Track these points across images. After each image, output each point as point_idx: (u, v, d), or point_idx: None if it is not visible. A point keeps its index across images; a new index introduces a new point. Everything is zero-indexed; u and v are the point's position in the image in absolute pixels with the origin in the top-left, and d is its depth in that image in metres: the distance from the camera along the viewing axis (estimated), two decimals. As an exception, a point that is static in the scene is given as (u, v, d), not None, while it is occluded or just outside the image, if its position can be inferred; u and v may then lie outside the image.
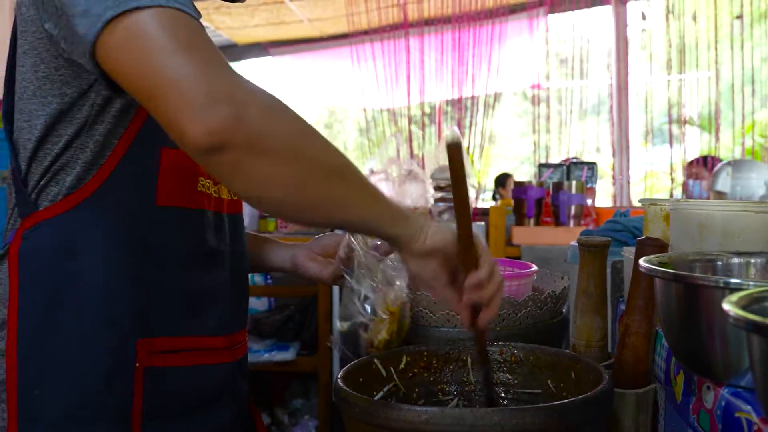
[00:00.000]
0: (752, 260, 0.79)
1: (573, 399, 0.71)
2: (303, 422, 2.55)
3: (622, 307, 1.15)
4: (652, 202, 1.02)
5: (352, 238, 1.00)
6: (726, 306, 0.50)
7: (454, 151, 0.75)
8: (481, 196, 3.36)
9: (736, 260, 0.79)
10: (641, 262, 0.74)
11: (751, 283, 0.62)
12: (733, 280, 0.64)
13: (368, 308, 0.97)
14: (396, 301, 0.97)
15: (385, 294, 0.97)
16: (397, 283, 0.97)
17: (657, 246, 0.89)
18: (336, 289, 2.41)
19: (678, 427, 0.80)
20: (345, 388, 0.79)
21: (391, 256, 0.99)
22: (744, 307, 0.51)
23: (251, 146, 0.65)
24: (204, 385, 0.88)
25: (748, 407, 0.60)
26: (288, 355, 2.41)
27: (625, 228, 1.31)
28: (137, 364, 0.81)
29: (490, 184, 3.90)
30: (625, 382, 0.90)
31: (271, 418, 2.69)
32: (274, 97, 0.69)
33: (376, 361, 0.92)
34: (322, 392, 2.45)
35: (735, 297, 0.53)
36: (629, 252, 1.09)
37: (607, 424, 0.85)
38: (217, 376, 0.89)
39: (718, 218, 0.85)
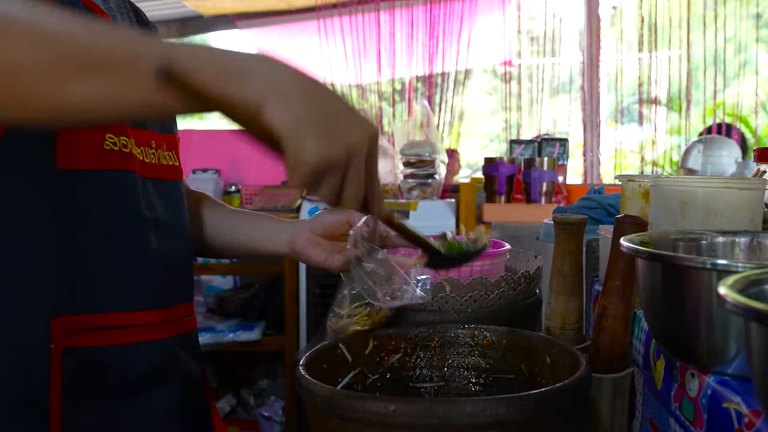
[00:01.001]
0: (737, 239, 0.75)
1: (549, 387, 0.67)
2: (269, 403, 2.50)
3: (597, 287, 1.11)
4: (630, 179, 0.98)
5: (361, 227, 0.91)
6: (722, 290, 0.46)
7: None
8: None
9: (720, 239, 0.75)
10: (623, 242, 0.70)
11: (739, 264, 0.58)
12: (721, 261, 0.59)
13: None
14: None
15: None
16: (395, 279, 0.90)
17: (637, 224, 0.84)
18: (302, 266, 2.34)
19: (658, 414, 0.76)
20: (306, 375, 0.73)
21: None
22: (740, 291, 0.47)
23: None
24: (136, 365, 0.80)
25: (738, 398, 0.56)
26: (253, 335, 2.35)
27: (600, 205, 1.27)
28: (52, 345, 0.73)
29: (462, 161, 3.86)
30: (601, 366, 0.86)
31: (236, 399, 2.64)
32: None
33: (341, 345, 0.87)
34: (289, 372, 2.40)
35: (730, 280, 0.49)
36: (605, 230, 1.05)
37: (582, 410, 0.81)
38: (150, 355, 0.81)
39: (701, 195, 0.81)
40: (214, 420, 0.94)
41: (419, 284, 0.91)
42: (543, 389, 0.66)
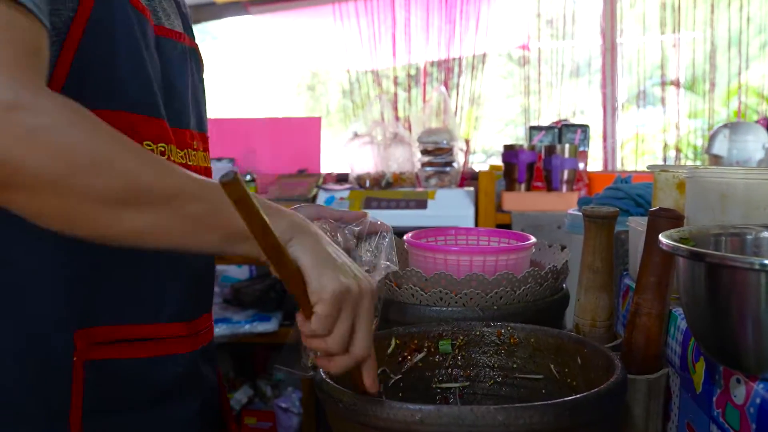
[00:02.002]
0: (784, 235, 0.70)
1: (586, 394, 0.63)
2: (286, 394, 2.48)
3: (626, 281, 1.07)
4: (664, 169, 0.93)
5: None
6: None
7: (233, 189, 0.54)
8: (470, 158, 3.26)
9: (766, 234, 0.71)
10: (662, 238, 0.66)
11: (793, 265, 0.54)
12: (770, 262, 0.55)
13: None
14: None
15: None
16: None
17: (672, 218, 0.80)
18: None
19: (697, 419, 0.72)
20: (327, 379, 0.70)
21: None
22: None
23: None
24: (158, 378, 0.78)
25: (792, 408, 0.52)
26: (270, 326, 2.33)
27: (627, 195, 1.22)
28: (74, 358, 0.71)
29: (478, 147, 3.81)
30: (634, 367, 0.82)
31: (253, 389, 2.62)
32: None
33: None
34: (306, 363, 2.38)
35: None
36: (636, 222, 1.01)
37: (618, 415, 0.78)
38: (174, 368, 0.79)
39: (741, 187, 0.77)
40: (230, 428, 0.92)
41: (382, 254, 0.89)
42: (579, 396, 0.63)
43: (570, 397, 0.62)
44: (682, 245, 0.63)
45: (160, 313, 0.78)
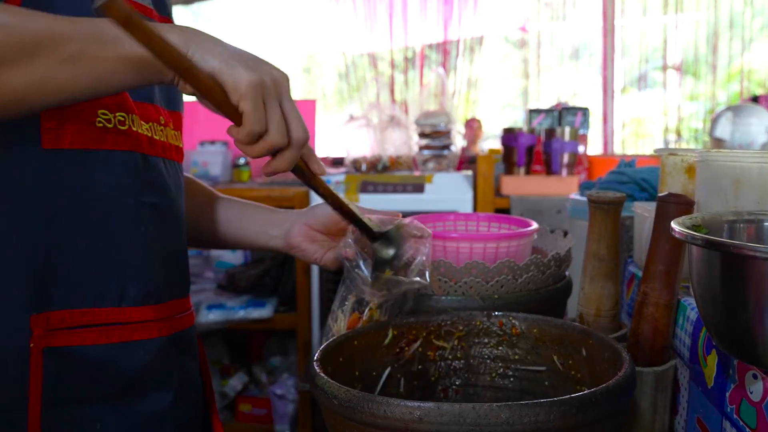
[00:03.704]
0: (802, 221, 0.67)
1: (593, 390, 0.60)
2: (281, 380, 2.46)
3: (631, 269, 1.04)
4: (672, 152, 0.90)
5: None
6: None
7: (116, 10, 0.50)
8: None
9: (783, 221, 0.67)
10: (674, 226, 0.62)
11: (816, 255, 0.50)
12: (793, 251, 0.52)
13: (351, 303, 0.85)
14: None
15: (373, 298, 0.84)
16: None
17: (683, 203, 0.77)
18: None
19: (708, 414, 0.69)
20: (321, 374, 0.67)
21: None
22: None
23: None
24: (125, 367, 0.73)
25: (817, 408, 0.49)
26: (265, 312, 2.29)
27: (632, 179, 1.18)
28: (31, 345, 0.66)
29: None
30: (641, 358, 0.79)
31: (248, 376, 2.60)
32: None
33: (357, 336, 0.80)
34: (302, 349, 2.35)
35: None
36: (642, 208, 0.97)
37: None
38: (142, 356, 0.74)
39: (756, 172, 0.73)
40: (214, 425, 0.87)
41: (415, 270, 0.85)
42: (587, 392, 0.59)
43: (577, 394, 0.59)
44: (696, 233, 0.59)
45: (124, 296, 0.73)
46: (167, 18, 0.86)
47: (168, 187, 0.79)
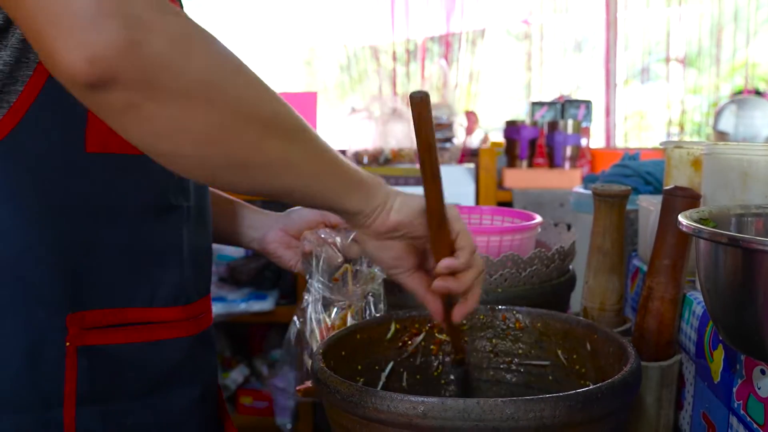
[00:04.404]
0: (811, 215, 0.66)
1: (599, 385, 0.59)
2: (283, 374, 2.44)
3: (635, 262, 1.03)
4: (678, 145, 0.89)
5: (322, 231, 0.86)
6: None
7: (421, 107, 0.59)
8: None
9: (792, 215, 0.66)
10: (682, 219, 0.61)
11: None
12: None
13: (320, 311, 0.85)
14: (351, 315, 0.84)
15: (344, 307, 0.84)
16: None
17: (689, 197, 0.76)
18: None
19: (714, 409, 0.68)
20: (324, 367, 0.66)
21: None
22: None
23: (150, 83, 0.47)
24: (155, 365, 0.74)
25: (827, 404, 0.48)
26: (266, 304, 2.29)
27: (636, 173, 1.18)
28: (67, 344, 0.67)
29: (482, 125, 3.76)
30: (646, 353, 0.79)
31: (249, 369, 2.59)
32: (193, 23, 0.51)
33: (359, 330, 0.80)
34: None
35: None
36: (646, 201, 0.96)
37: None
38: (171, 354, 0.75)
39: (763, 165, 0.72)
40: (223, 416, 0.87)
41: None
42: (593, 387, 0.58)
43: (582, 389, 0.58)
44: (704, 227, 0.58)
45: (155, 297, 0.73)
46: (177, 3, 0.85)
47: (198, 189, 0.79)
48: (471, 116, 3.01)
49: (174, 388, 0.76)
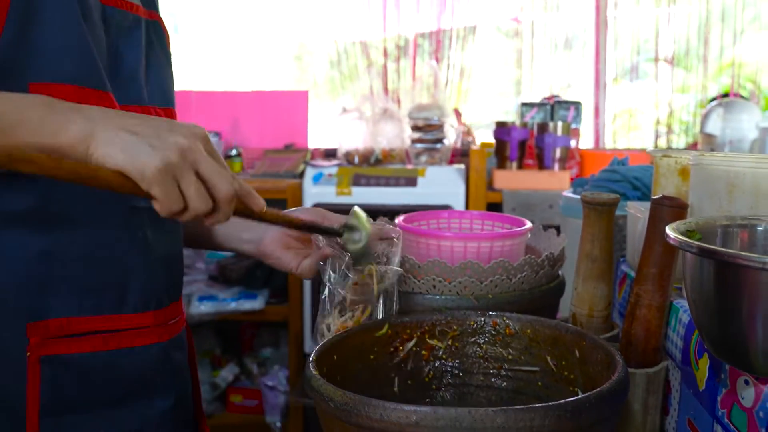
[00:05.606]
0: (794, 227, 0.67)
1: (588, 394, 0.60)
2: (273, 372, 2.46)
3: (623, 268, 1.04)
4: (666, 154, 0.90)
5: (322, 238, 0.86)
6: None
7: None
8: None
9: (776, 227, 0.68)
10: (669, 232, 0.63)
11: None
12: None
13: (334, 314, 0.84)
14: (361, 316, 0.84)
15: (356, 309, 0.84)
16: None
17: (676, 206, 0.77)
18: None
19: (698, 416, 0.70)
20: (317, 375, 0.67)
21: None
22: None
23: None
24: (126, 373, 0.73)
25: (808, 416, 0.50)
26: (256, 303, 2.30)
27: (624, 178, 1.19)
28: (28, 353, 0.66)
29: (468, 120, 3.77)
30: (633, 360, 0.80)
31: (240, 367, 2.60)
32: None
33: (352, 336, 0.81)
34: (293, 341, 2.36)
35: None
36: (634, 208, 0.98)
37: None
38: (142, 361, 0.74)
39: (750, 176, 0.74)
40: (199, 420, 0.87)
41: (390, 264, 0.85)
42: (582, 396, 0.60)
43: (571, 399, 0.59)
44: (690, 240, 0.60)
45: (124, 303, 0.73)
46: (154, 12, 0.85)
47: None
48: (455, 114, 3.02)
49: (147, 396, 0.75)
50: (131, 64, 0.77)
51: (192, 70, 3.61)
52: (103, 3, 0.73)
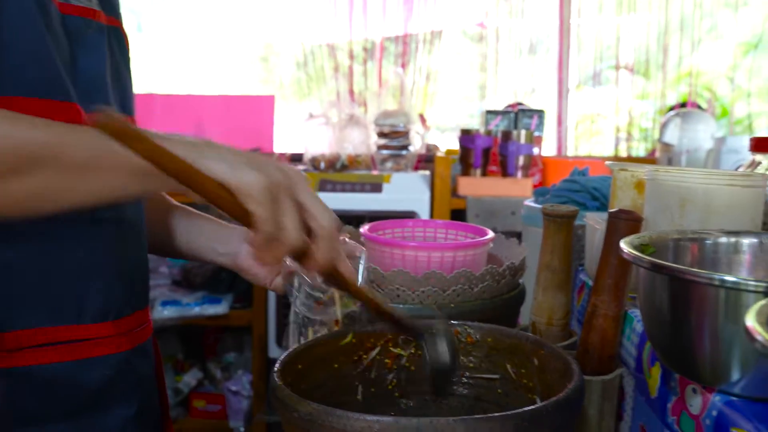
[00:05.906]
0: (741, 240, 0.71)
1: (545, 403, 0.62)
2: (236, 377, 2.45)
3: (581, 276, 1.07)
4: (623, 168, 0.93)
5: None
6: (750, 323, 0.41)
7: (106, 125, 0.51)
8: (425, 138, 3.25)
9: (723, 240, 0.71)
10: (623, 246, 0.65)
11: (751, 282, 0.54)
12: (730, 278, 0.55)
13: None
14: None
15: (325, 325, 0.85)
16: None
17: (632, 220, 0.80)
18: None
19: (650, 422, 0.73)
20: (282, 385, 0.68)
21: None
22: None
23: None
24: (85, 384, 0.72)
25: (750, 424, 0.53)
26: (220, 308, 2.29)
27: (584, 188, 1.22)
28: None
29: (433, 124, 3.80)
30: (589, 367, 0.83)
31: (203, 372, 2.59)
32: None
33: (316, 345, 0.82)
34: (257, 346, 2.35)
35: (755, 310, 0.44)
36: (593, 219, 1.01)
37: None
38: (102, 371, 0.74)
39: (701, 193, 0.77)
40: (166, 427, 0.87)
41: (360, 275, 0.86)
42: (539, 405, 0.62)
43: (529, 408, 0.61)
44: (642, 255, 0.62)
45: (83, 313, 0.72)
46: (115, 19, 0.84)
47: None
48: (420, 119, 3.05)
49: (108, 406, 0.74)
50: (95, 73, 0.77)
51: (156, 70, 3.58)
52: (63, 13, 0.72)
